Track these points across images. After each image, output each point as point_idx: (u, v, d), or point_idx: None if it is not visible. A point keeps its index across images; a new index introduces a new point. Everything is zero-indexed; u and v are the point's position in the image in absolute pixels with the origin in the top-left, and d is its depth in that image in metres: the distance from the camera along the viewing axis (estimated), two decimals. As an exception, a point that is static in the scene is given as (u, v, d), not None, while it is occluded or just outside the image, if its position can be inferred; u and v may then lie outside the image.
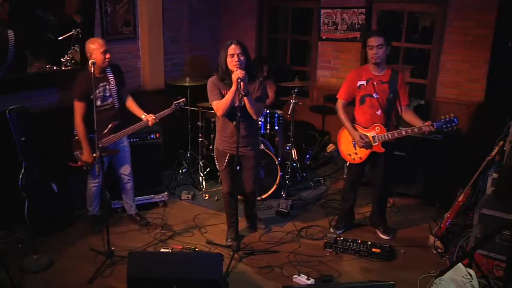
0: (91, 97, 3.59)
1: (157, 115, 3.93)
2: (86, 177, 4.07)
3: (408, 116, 3.81)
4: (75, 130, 3.84)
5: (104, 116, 3.81)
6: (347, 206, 4.21)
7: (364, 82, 3.83)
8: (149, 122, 3.91)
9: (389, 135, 3.76)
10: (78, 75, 3.84)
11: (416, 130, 3.64)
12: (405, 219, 4.49)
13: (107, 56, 3.74)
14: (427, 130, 3.58)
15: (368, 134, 3.83)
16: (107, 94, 3.88)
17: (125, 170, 4.14)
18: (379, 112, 3.81)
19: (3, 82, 3.95)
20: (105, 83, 3.86)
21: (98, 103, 3.82)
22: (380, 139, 3.79)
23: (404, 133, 3.71)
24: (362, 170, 4.09)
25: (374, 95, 3.79)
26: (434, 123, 3.57)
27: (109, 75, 3.88)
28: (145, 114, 3.96)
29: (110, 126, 3.86)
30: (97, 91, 3.80)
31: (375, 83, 3.79)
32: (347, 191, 4.19)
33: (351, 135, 3.89)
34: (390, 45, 3.76)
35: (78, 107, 3.77)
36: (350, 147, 3.96)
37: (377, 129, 3.80)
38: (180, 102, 4.07)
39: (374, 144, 3.82)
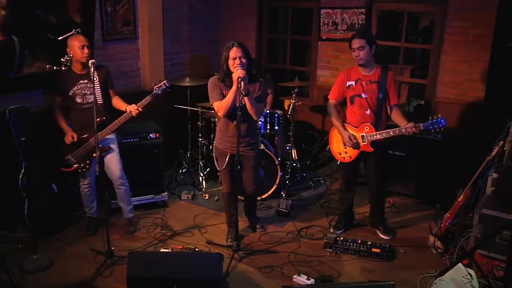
0: (70, 94, 3.78)
1: (139, 103, 3.80)
2: (79, 179, 4.04)
3: (395, 116, 3.83)
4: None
5: (88, 115, 3.67)
6: (344, 206, 4.22)
7: (353, 83, 3.85)
8: (132, 112, 3.78)
9: (377, 135, 3.78)
10: (60, 71, 4.00)
11: (403, 130, 3.66)
12: (405, 219, 4.49)
13: (85, 51, 3.71)
14: (410, 131, 3.61)
15: (357, 134, 3.85)
16: (88, 92, 3.81)
17: (113, 174, 3.96)
18: (368, 112, 3.83)
19: (3, 82, 3.96)
20: (86, 81, 3.80)
21: (79, 100, 3.82)
22: (369, 138, 3.81)
23: (392, 133, 3.73)
24: (355, 169, 4.11)
25: (362, 95, 3.81)
26: (421, 124, 3.58)
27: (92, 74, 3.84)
28: (128, 105, 3.85)
29: (95, 122, 3.75)
30: (76, 87, 3.80)
31: (364, 83, 3.81)
32: (343, 191, 4.21)
33: (341, 135, 3.92)
34: (375, 44, 3.76)
35: (54, 100, 3.92)
36: (340, 147, 3.99)
37: (366, 128, 3.82)
38: (160, 85, 3.89)
39: (363, 143, 3.84)
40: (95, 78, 3.74)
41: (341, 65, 5.58)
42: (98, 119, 3.66)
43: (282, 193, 4.83)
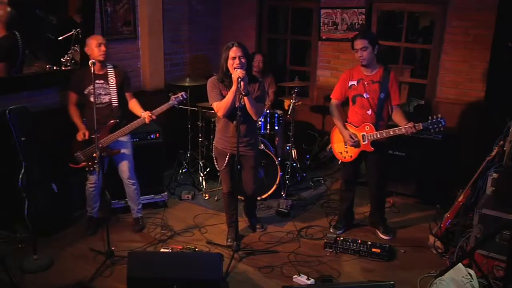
0: (85, 92, 3.83)
1: (153, 111, 3.86)
2: (86, 177, 4.07)
3: (396, 116, 3.83)
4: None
5: (101, 115, 3.70)
6: (345, 206, 4.22)
7: (355, 83, 3.86)
8: (146, 119, 3.83)
9: (378, 134, 3.79)
10: (77, 69, 4.05)
11: (403, 130, 3.67)
12: (405, 219, 4.49)
13: (102, 48, 3.76)
14: (409, 131, 3.61)
15: (357, 133, 3.86)
16: (103, 93, 3.86)
17: (123, 174, 4.06)
18: (369, 112, 3.84)
19: (3, 82, 3.96)
20: (102, 81, 3.85)
21: (92, 99, 3.82)
22: (369, 138, 3.82)
23: (391, 133, 3.74)
24: (355, 169, 4.11)
25: (364, 95, 3.82)
26: (420, 124, 3.59)
27: (109, 74, 3.87)
28: (143, 111, 3.90)
29: (108, 124, 3.83)
30: (91, 87, 3.79)
31: (365, 83, 3.82)
32: (344, 190, 4.22)
33: (341, 134, 3.94)
34: (378, 44, 3.77)
35: (69, 96, 3.95)
36: (341, 146, 4.01)
37: (367, 128, 3.83)
38: (178, 96, 3.92)
39: (363, 143, 3.85)
40: (112, 80, 3.86)
41: (341, 65, 5.59)
42: (112, 121, 3.78)
43: (282, 193, 4.83)
